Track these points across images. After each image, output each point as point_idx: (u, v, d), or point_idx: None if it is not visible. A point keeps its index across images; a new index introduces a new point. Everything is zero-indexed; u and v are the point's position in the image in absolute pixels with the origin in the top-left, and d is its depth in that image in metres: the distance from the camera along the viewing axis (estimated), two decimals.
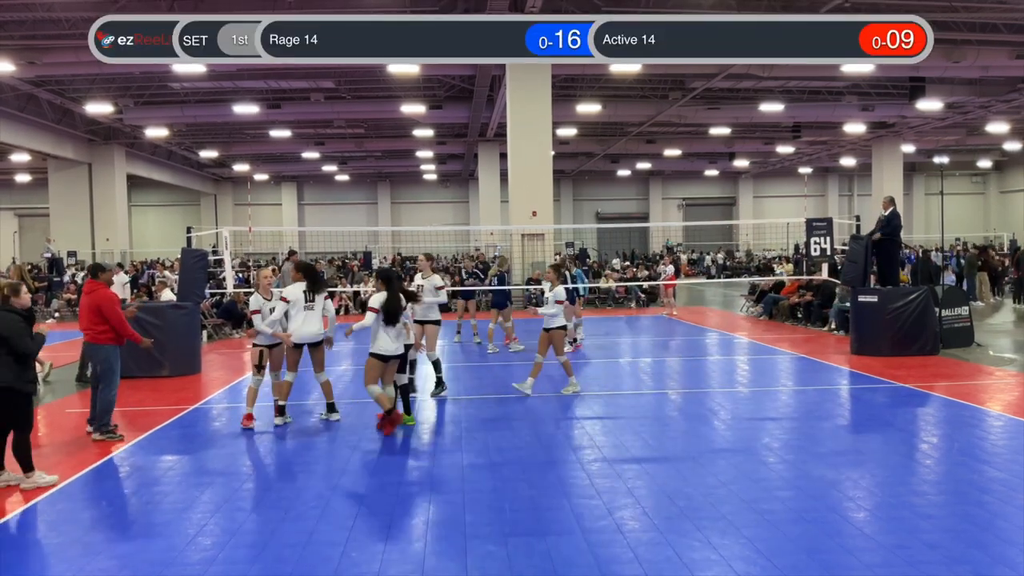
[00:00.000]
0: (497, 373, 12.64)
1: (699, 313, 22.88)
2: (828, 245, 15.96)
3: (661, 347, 16.08)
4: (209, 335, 17.48)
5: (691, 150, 42.67)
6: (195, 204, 51.83)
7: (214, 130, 36.53)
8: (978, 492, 6.33)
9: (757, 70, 24.39)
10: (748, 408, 9.84)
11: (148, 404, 10.54)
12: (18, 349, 6.77)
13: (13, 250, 43.38)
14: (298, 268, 9.36)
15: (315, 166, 46.03)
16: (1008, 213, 50.69)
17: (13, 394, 6.77)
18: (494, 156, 38.00)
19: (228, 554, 5.38)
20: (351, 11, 20.04)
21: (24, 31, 20.92)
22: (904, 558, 5.08)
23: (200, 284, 13.81)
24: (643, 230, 49.68)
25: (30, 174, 42.90)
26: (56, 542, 5.73)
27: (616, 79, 27.77)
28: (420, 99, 29.87)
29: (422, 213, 52.07)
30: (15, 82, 25.54)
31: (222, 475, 7.26)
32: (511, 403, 10.19)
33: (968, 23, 21.83)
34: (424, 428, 8.88)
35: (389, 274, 8.92)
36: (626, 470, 7.14)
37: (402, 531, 5.81)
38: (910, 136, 38.43)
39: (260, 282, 9.37)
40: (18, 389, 6.80)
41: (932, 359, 12.97)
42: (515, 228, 22.49)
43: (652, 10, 20.09)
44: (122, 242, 37.08)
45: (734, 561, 5.08)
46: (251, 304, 9.21)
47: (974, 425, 8.67)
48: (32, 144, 31.17)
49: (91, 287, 8.90)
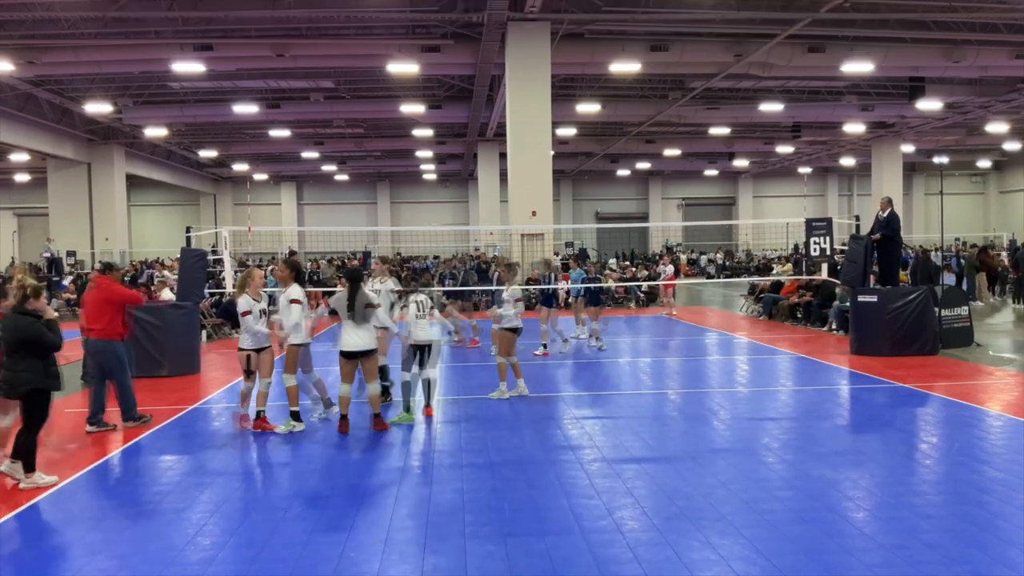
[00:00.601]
0: (495, 373, 12.60)
1: (699, 313, 22.89)
2: (828, 245, 15.94)
3: (661, 347, 16.07)
4: (208, 335, 17.47)
5: (691, 150, 42.67)
6: (194, 204, 51.81)
7: (213, 130, 36.52)
8: (978, 492, 6.33)
9: (757, 70, 24.39)
10: (748, 408, 9.84)
11: (147, 404, 10.50)
12: (47, 344, 6.92)
13: (12, 250, 43.37)
14: (291, 267, 9.37)
15: (314, 166, 46.02)
16: (1008, 213, 50.70)
17: (39, 393, 6.96)
18: (494, 156, 37.99)
19: (228, 554, 5.38)
20: (351, 10, 20.08)
21: (24, 31, 20.90)
22: (904, 558, 5.08)
23: (199, 284, 13.81)
24: (643, 230, 49.68)
25: (29, 174, 42.88)
26: (56, 542, 5.73)
27: (616, 79, 27.76)
28: (420, 99, 29.86)
29: (422, 213, 52.07)
30: (15, 82, 25.53)
31: (222, 475, 7.25)
32: (511, 403, 10.18)
33: (968, 23, 21.82)
34: (424, 428, 8.87)
35: (355, 275, 9.02)
36: (626, 470, 7.14)
37: (402, 531, 5.80)
38: (910, 136, 38.44)
39: (251, 282, 9.12)
40: (45, 388, 6.99)
41: (932, 359, 12.98)
42: (515, 228, 22.48)
43: (651, 10, 20.12)
44: (121, 242, 37.07)
45: (734, 561, 5.08)
46: (241, 305, 8.91)
47: (974, 425, 8.67)
48: (31, 144, 31.16)
49: (103, 283, 9.12)
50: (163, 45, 22.02)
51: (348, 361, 8.72)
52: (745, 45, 22.82)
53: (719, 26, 21.61)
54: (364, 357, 8.75)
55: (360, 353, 8.68)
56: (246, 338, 8.91)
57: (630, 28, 21.98)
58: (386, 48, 22.60)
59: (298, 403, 8.95)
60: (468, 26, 21.46)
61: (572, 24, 21.24)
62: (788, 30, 20.94)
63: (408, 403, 9.21)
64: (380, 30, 22.20)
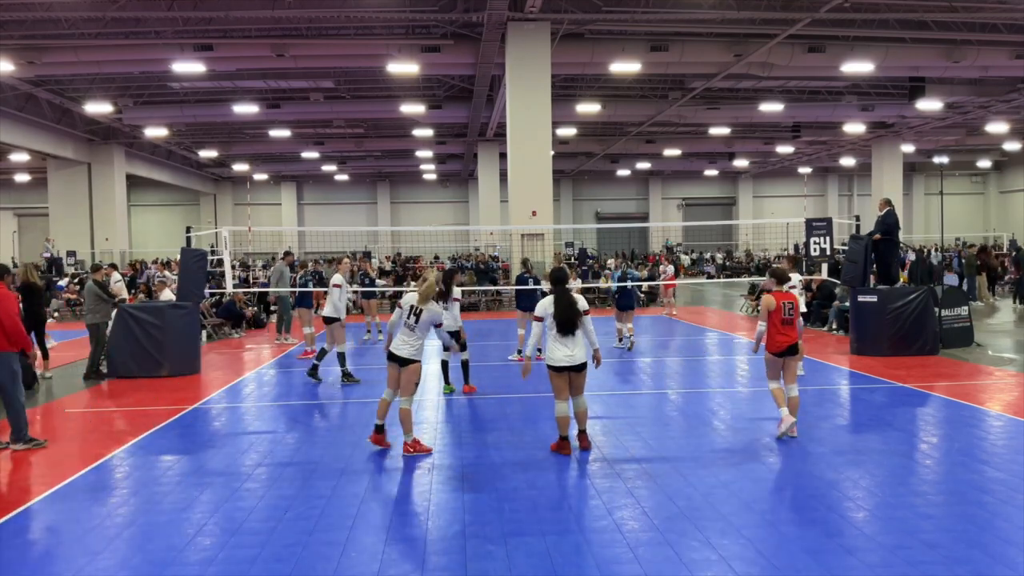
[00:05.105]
0: (496, 374, 12.63)
1: (699, 313, 22.89)
2: (828, 245, 15.94)
3: (661, 347, 16.07)
4: (209, 335, 17.48)
5: (691, 150, 42.69)
6: (194, 204, 51.83)
7: (213, 130, 36.53)
8: (978, 492, 6.33)
9: (757, 70, 24.40)
10: (748, 408, 9.83)
11: (147, 404, 10.53)
12: None
13: (12, 250, 43.39)
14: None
15: (315, 166, 46.03)
16: (1008, 213, 50.72)
17: None
18: (494, 156, 38.00)
19: (228, 554, 5.37)
20: (350, 10, 20.07)
21: (24, 31, 20.91)
22: (904, 558, 5.08)
23: (200, 284, 13.80)
24: (643, 230, 49.70)
25: (29, 174, 42.89)
26: (56, 542, 5.73)
27: (616, 79, 27.77)
28: (420, 99, 29.87)
29: (422, 213, 52.08)
30: (15, 82, 25.54)
31: (222, 475, 7.25)
32: (511, 403, 10.19)
33: (968, 23, 21.84)
34: (424, 428, 8.87)
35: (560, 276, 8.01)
36: (626, 470, 7.14)
37: (401, 531, 5.80)
38: (910, 136, 38.43)
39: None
40: None
41: (932, 359, 12.98)
42: (515, 228, 22.49)
43: (651, 10, 20.12)
44: (121, 242, 37.07)
45: (734, 561, 5.08)
46: None
47: (974, 425, 8.67)
48: (32, 144, 31.16)
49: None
50: (163, 45, 22.04)
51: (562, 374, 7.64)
52: (745, 45, 22.83)
53: (719, 26, 21.61)
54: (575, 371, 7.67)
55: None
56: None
57: (630, 28, 21.99)
58: (386, 48, 22.61)
59: None
60: (468, 26, 21.47)
61: (572, 24, 21.24)
62: (788, 30, 20.95)
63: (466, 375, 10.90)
64: (380, 30, 22.20)
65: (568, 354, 7.50)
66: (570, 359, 7.50)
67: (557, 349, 7.54)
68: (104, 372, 12.74)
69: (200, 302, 14.62)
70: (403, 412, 7.78)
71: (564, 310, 7.54)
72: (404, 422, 7.80)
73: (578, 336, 7.58)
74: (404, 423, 7.80)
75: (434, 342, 10.49)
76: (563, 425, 7.69)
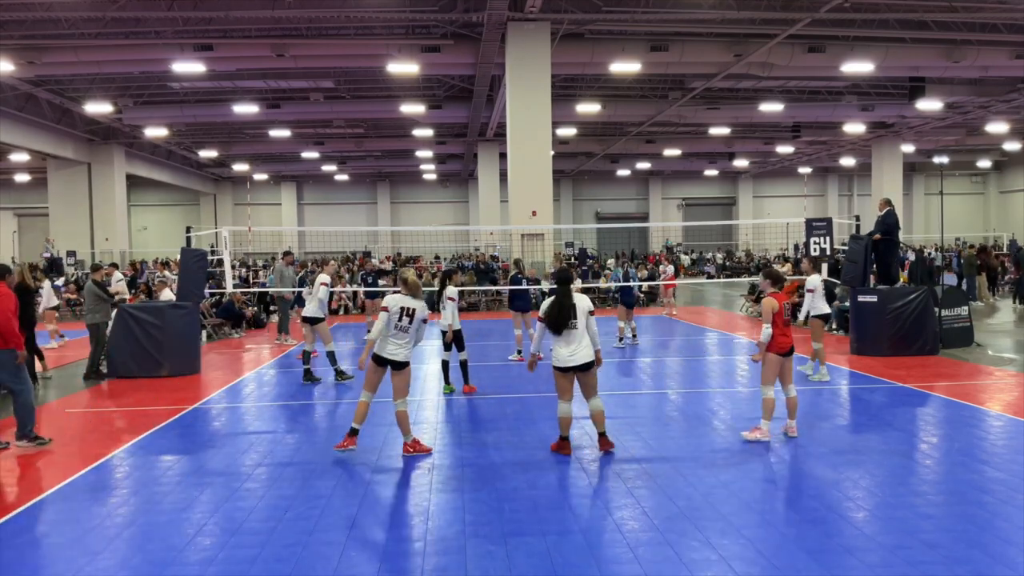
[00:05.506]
0: (496, 374, 12.63)
1: (698, 313, 22.89)
2: (828, 245, 15.93)
3: (660, 347, 16.07)
4: (209, 335, 17.48)
5: (691, 150, 42.69)
6: (195, 204, 51.84)
7: (213, 130, 36.53)
8: (978, 492, 6.33)
9: (757, 70, 24.40)
10: (748, 408, 9.83)
11: (147, 404, 10.53)
12: None
13: (12, 250, 43.37)
14: None
15: (315, 166, 46.03)
16: (1008, 213, 50.72)
17: None
18: (494, 156, 38.00)
19: (228, 554, 5.37)
20: (350, 10, 20.08)
21: (24, 31, 20.91)
22: (904, 558, 5.08)
23: (200, 284, 13.80)
24: (643, 230, 49.70)
25: (29, 174, 42.90)
26: (56, 542, 5.72)
27: (616, 79, 27.77)
28: (420, 99, 29.87)
29: (422, 213, 52.08)
30: (15, 82, 25.54)
31: (222, 475, 7.25)
32: (511, 403, 10.19)
33: (968, 23, 21.84)
34: (424, 428, 8.87)
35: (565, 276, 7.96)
36: (626, 470, 7.14)
37: (402, 531, 5.80)
38: (910, 136, 38.45)
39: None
40: None
41: (932, 359, 12.98)
42: (515, 228, 22.48)
43: (651, 10, 20.12)
44: (121, 242, 37.07)
45: (734, 561, 5.08)
46: None
47: (974, 425, 8.67)
48: (32, 144, 31.17)
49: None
50: (163, 45, 22.04)
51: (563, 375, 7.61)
52: (745, 45, 22.83)
53: (719, 26, 21.61)
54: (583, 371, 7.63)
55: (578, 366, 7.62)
56: None
57: (630, 28, 21.99)
58: (386, 48, 22.61)
59: None
60: (468, 26, 21.47)
61: (572, 24, 21.24)
62: (788, 30, 20.95)
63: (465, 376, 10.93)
64: (380, 30, 22.20)
65: (569, 353, 7.48)
66: (571, 358, 7.48)
67: (559, 349, 7.53)
68: (104, 372, 12.75)
69: (200, 302, 14.62)
70: (400, 414, 7.78)
71: (555, 312, 7.49)
72: (402, 424, 7.80)
73: (581, 335, 7.52)
74: (402, 425, 7.80)
75: (434, 342, 10.49)
76: (564, 425, 7.68)
